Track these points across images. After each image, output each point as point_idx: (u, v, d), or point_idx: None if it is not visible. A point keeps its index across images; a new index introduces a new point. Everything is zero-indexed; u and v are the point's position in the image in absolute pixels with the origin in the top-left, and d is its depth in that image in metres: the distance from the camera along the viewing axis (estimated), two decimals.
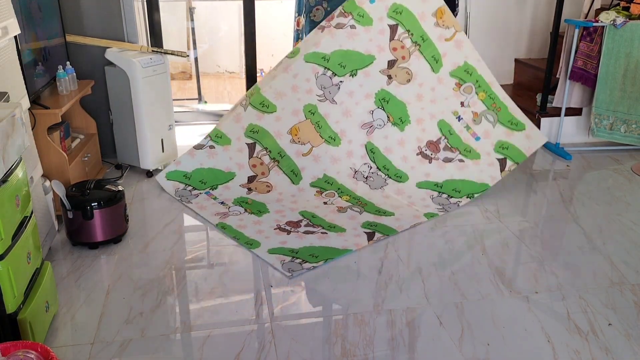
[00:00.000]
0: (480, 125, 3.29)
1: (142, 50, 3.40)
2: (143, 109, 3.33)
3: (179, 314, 2.20)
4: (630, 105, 3.81)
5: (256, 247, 2.65)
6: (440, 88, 3.29)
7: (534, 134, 3.33)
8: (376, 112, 3.28)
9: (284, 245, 2.67)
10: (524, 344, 2.03)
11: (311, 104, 3.21)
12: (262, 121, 3.19)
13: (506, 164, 3.25)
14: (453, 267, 2.53)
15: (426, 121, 3.30)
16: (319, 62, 3.18)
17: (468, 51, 3.32)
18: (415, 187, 3.21)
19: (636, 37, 3.66)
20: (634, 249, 2.68)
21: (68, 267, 2.52)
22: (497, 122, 3.29)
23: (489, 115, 3.29)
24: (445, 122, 3.30)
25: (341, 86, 3.22)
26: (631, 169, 3.70)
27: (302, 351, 1.99)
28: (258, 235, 2.76)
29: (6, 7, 2.31)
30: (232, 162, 3.22)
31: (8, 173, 1.80)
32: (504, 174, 3.24)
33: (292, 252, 2.61)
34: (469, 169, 3.24)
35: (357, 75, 3.22)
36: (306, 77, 3.19)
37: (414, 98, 3.28)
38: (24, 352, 1.56)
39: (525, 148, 3.28)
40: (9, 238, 1.76)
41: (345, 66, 3.20)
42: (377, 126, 3.29)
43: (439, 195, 3.16)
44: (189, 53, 5.47)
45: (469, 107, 3.30)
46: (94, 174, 3.33)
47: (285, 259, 2.56)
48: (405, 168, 3.26)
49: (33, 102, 2.68)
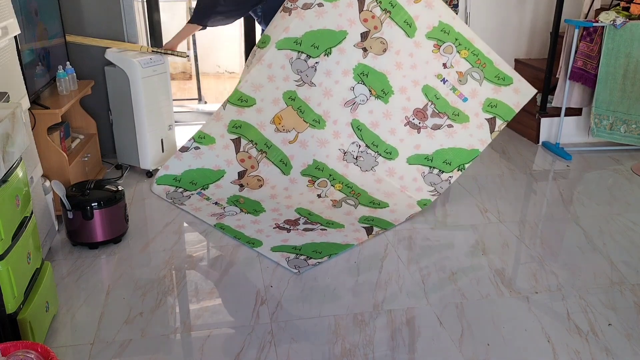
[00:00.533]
0: (467, 85, 3.15)
1: (142, 51, 3.40)
2: (143, 109, 3.33)
3: (179, 314, 2.20)
4: (630, 105, 3.81)
5: (259, 246, 2.66)
6: (419, 52, 3.15)
7: (522, 87, 3.17)
8: (357, 88, 3.19)
9: (285, 243, 2.68)
10: (524, 344, 2.03)
11: (290, 90, 3.15)
12: (243, 115, 3.15)
13: (496, 124, 3.15)
14: (453, 267, 2.53)
15: (410, 89, 3.18)
16: (291, 47, 3.11)
17: (441, 9, 3.15)
18: (406, 164, 3.18)
19: (636, 37, 3.66)
20: (634, 249, 2.68)
21: (68, 267, 2.52)
22: (484, 79, 3.14)
23: (475, 73, 3.14)
24: (430, 87, 3.17)
25: (317, 67, 3.15)
26: (631, 169, 3.70)
27: (302, 351, 1.99)
28: (258, 235, 2.76)
29: (6, 7, 2.30)
30: (220, 160, 3.17)
31: (8, 173, 1.80)
32: (494, 135, 3.16)
33: (295, 249, 2.63)
34: (458, 134, 3.15)
35: (332, 53, 3.14)
36: (281, 65, 3.12)
37: (393, 67, 3.17)
38: (24, 352, 1.56)
39: (514, 103, 3.15)
40: (9, 238, 1.76)
41: (319, 46, 3.13)
42: (360, 102, 3.21)
43: (430, 172, 3.14)
44: (189, 53, 5.47)
45: (453, 67, 3.15)
46: (94, 174, 3.33)
47: (290, 256, 2.58)
48: (394, 142, 3.20)
49: (33, 102, 2.68)
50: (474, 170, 3.62)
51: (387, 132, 3.21)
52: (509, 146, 4.11)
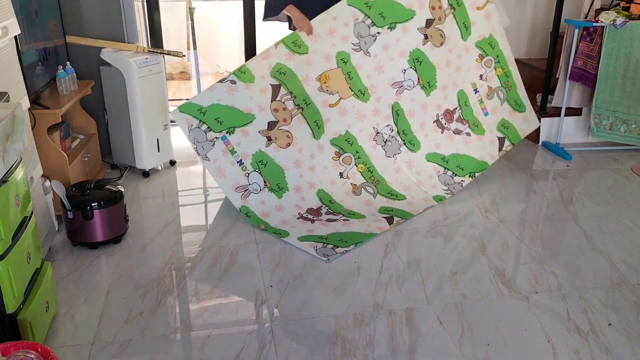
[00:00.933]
0: (492, 101, 3.37)
1: (138, 50, 3.40)
2: (139, 109, 3.33)
3: (179, 314, 2.20)
4: (630, 105, 3.81)
5: (285, 236, 2.74)
6: (466, 57, 3.28)
7: (530, 117, 3.45)
8: (408, 72, 3.19)
9: (311, 233, 2.76)
10: (524, 344, 2.03)
11: (345, 51, 3.06)
12: (292, 62, 2.98)
13: (504, 144, 3.38)
14: (453, 267, 2.53)
15: (449, 89, 3.29)
16: (360, 8, 3.04)
17: (495, 24, 3.29)
18: (425, 160, 3.28)
19: (636, 37, 3.66)
20: (634, 249, 2.68)
21: (68, 267, 2.52)
22: (505, 101, 3.38)
23: (501, 92, 3.37)
24: (464, 93, 3.31)
25: (378, 38, 3.09)
26: (631, 169, 3.70)
27: (302, 351, 1.99)
28: (284, 226, 2.81)
29: (6, 7, 2.31)
30: (252, 103, 2.92)
31: (8, 173, 1.80)
32: (501, 154, 3.37)
33: (321, 238, 2.71)
34: (473, 144, 3.33)
35: (396, 28, 3.10)
36: (345, 22, 3.03)
37: (444, 63, 3.24)
38: (24, 352, 1.56)
39: (521, 130, 3.42)
40: (9, 238, 1.76)
41: (386, 17, 3.08)
42: (407, 87, 3.21)
43: (444, 172, 3.28)
44: (186, 53, 5.47)
45: (486, 81, 3.34)
46: (94, 174, 3.33)
47: (317, 245, 2.66)
48: (420, 135, 3.28)
49: (33, 102, 2.69)
50: None
51: (418, 124, 3.28)
52: None
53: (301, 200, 3.01)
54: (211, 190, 3.38)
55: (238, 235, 2.81)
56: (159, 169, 3.63)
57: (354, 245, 2.65)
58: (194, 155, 3.94)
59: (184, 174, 3.62)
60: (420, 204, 3.09)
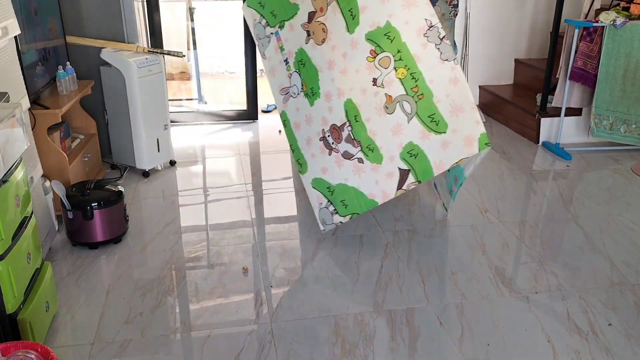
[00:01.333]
0: (393, 116, 2.41)
1: (138, 50, 3.40)
2: (139, 109, 3.33)
3: (179, 314, 2.20)
4: (630, 105, 3.81)
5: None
6: (353, 55, 2.49)
7: (454, 141, 2.31)
8: (293, 77, 2.76)
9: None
10: (524, 344, 2.03)
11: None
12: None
13: (406, 179, 2.44)
14: (453, 267, 2.53)
15: (334, 97, 2.58)
16: (256, 8, 2.85)
17: (395, 7, 2.35)
18: (310, 185, 2.77)
19: (636, 37, 3.65)
20: (634, 249, 2.68)
21: (68, 267, 2.52)
22: (414, 115, 2.36)
23: (406, 104, 2.38)
24: (353, 104, 2.52)
25: (271, 39, 2.82)
26: (631, 169, 3.70)
27: (302, 351, 1.99)
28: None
29: (6, 7, 2.31)
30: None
31: (8, 173, 1.80)
32: (399, 193, 2.46)
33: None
34: (365, 174, 2.54)
35: (284, 27, 2.74)
36: (250, 24, 2.93)
37: (326, 65, 2.58)
38: (24, 352, 1.56)
39: (435, 162, 2.35)
40: (9, 238, 1.76)
41: (276, 15, 2.77)
42: (292, 94, 2.78)
43: (326, 206, 2.69)
44: (186, 53, 5.47)
45: (383, 87, 2.43)
46: (94, 174, 3.33)
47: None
48: (307, 155, 2.76)
49: (33, 102, 2.68)
50: (474, 170, 3.61)
51: (304, 141, 2.76)
52: (509, 146, 4.11)
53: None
54: (211, 190, 3.38)
55: (238, 235, 2.81)
56: (159, 169, 3.63)
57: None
58: (194, 155, 3.95)
59: (184, 174, 3.62)
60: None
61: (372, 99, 2.46)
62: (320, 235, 2.80)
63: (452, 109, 2.30)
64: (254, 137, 4.32)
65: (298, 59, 2.70)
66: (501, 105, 4.64)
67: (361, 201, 2.57)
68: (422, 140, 2.37)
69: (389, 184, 2.47)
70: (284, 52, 2.77)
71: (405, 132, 2.40)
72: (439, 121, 2.32)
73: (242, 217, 3.00)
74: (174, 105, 5.04)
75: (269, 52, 2.85)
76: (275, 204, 3.24)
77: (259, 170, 3.69)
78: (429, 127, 2.35)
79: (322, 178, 2.69)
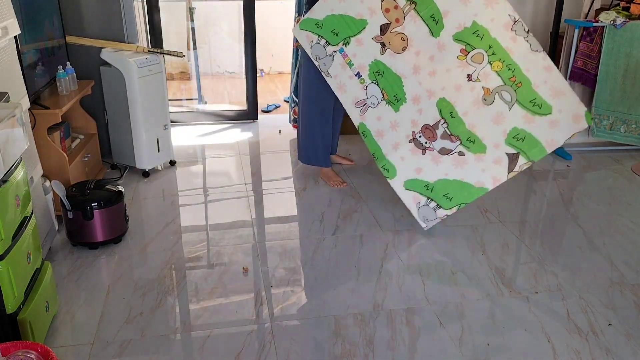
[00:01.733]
0: (493, 106, 2.60)
1: (138, 50, 3.40)
2: (139, 109, 3.33)
3: (179, 314, 2.20)
4: (630, 105, 3.81)
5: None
6: (441, 56, 2.66)
7: (562, 120, 2.53)
8: (371, 88, 2.87)
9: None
10: (524, 344, 2.03)
11: None
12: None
13: (517, 161, 2.61)
14: (453, 267, 2.53)
15: (423, 99, 2.73)
16: (312, 30, 2.93)
17: (478, 6, 2.57)
18: (403, 189, 2.83)
19: (636, 37, 3.66)
20: (634, 249, 2.68)
21: (68, 267, 2.52)
22: (515, 102, 2.56)
23: (505, 93, 2.57)
24: (447, 102, 2.67)
25: (335, 57, 2.91)
26: (631, 169, 3.70)
27: (302, 351, 1.99)
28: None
29: (6, 7, 2.30)
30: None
31: (8, 173, 1.80)
32: (512, 175, 2.62)
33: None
34: (468, 165, 2.68)
35: (350, 43, 2.86)
36: (304, 46, 2.99)
37: (410, 70, 2.74)
38: (24, 352, 1.56)
39: (546, 140, 2.55)
40: (9, 238, 1.76)
41: (338, 33, 2.87)
42: (371, 105, 2.88)
43: (426, 204, 2.77)
44: (186, 53, 5.47)
45: (479, 82, 2.61)
46: (94, 174, 3.33)
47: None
48: (395, 159, 2.84)
49: (33, 102, 2.68)
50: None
51: (390, 146, 2.85)
52: None
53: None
54: (211, 190, 3.38)
55: (238, 235, 2.81)
56: (159, 169, 3.63)
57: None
58: (194, 155, 3.95)
59: (184, 174, 3.62)
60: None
61: (469, 94, 2.63)
62: (320, 235, 2.80)
63: (552, 93, 2.52)
64: (254, 137, 4.32)
65: (373, 70, 2.83)
66: None
67: (468, 191, 2.70)
68: (527, 124, 2.56)
69: (499, 170, 2.64)
70: (353, 67, 2.88)
71: (507, 120, 2.59)
72: (542, 104, 2.53)
73: (242, 217, 3.00)
74: (174, 105, 5.04)
75: (334, 70, 2.91)
76: (275, 204, 3.24)
77: (259, 170, 3.70)
78: (533, 111, 2.55)
79: (417, 178, 2.80)
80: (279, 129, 4.45)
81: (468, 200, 2.72)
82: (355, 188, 3.35)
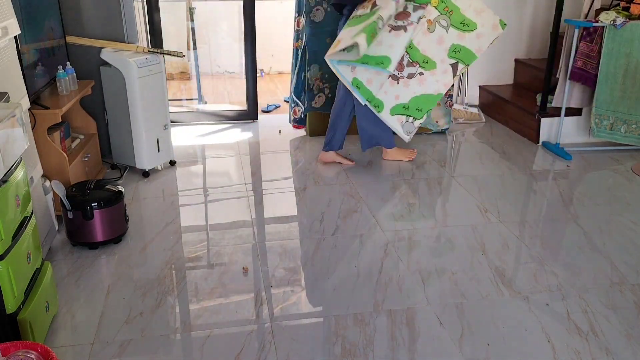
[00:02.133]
0: (435, 33, 3.37)
1: (138, 50, 3.40)
2: (139, 109, 3.33)
3: (179, 314, 2.20)
4: (631, 105, 3.81)
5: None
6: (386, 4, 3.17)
7: (484, 31, 3.38)
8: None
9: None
10: (524, 344, 2.03)
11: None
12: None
13: (457, 68, 3.44)
14: (453, 267, 2.53)
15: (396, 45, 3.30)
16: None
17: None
18: (389, 115, 3.44)
19: (636, 37, 3.65)
20: (634, 249, 2.68)
21: (68, 267, 2.52)
22: (450, 26, 3.36)
23: (442, 20, 3.36)
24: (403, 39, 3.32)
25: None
26: (631, 169, 3.70)
27: (302, 351, 1.99)
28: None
29: (6, 7, 2.31)
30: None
31: (8, 173, 1.80)
32: (455, 79, 3.50)
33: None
34: (427, 81, 3.42)
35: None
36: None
37: (386, 29, 3.25)
38: (24, 352, 1.56)
39: (475, 48, 3.41)
40: (9, 238, 1.76)
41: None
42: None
43: (406, 120, 3.46)
44: (186, 53, 5.47)
45: (424, 17, 3.34)
46: (94, 174, 3.33)
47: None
48: (381, 95, 3.41)
49: (33, 102, 2.68)
50: (474, 170, 3.62)
51: (377, 87, 3.40)
52: (509, 146, 4.11)
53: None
54: (211, 190, 3.39)
55: (238, 235, 2.81)
56: (159, 169, 3.63)
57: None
58: (194, 155, 3.95)
59: (184, 174, 3.62)
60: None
61: (419, 28, 3.32)
62: (320, 235, 2.80)
63: (475, 13, 3.36)
64: (254, 137, 4.32)
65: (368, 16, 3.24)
66: (501, 105, 4.64)
67: (430, 99, 3.45)
68: (461, 40, 3.39)
69: (446, 77, 3.44)
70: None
71: (447, 40, 3.39)
72: (469, 23, 3.37)
73: (242, 217, 3.01)
74: (174, 105, 5.04)
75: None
76: (275, 204, 3.24)
77: (259, 170, 3.70)
78: (463, 30, 3.38)
79: (397, 103, 3.45)
80: (279, 129, 4.45)
81: (432, 106, 3.48)
82: (355, 188, 3.35)
